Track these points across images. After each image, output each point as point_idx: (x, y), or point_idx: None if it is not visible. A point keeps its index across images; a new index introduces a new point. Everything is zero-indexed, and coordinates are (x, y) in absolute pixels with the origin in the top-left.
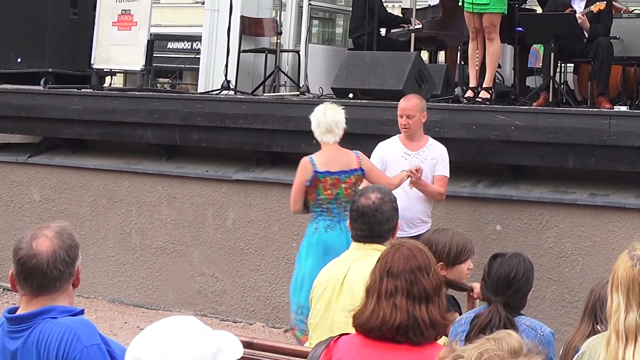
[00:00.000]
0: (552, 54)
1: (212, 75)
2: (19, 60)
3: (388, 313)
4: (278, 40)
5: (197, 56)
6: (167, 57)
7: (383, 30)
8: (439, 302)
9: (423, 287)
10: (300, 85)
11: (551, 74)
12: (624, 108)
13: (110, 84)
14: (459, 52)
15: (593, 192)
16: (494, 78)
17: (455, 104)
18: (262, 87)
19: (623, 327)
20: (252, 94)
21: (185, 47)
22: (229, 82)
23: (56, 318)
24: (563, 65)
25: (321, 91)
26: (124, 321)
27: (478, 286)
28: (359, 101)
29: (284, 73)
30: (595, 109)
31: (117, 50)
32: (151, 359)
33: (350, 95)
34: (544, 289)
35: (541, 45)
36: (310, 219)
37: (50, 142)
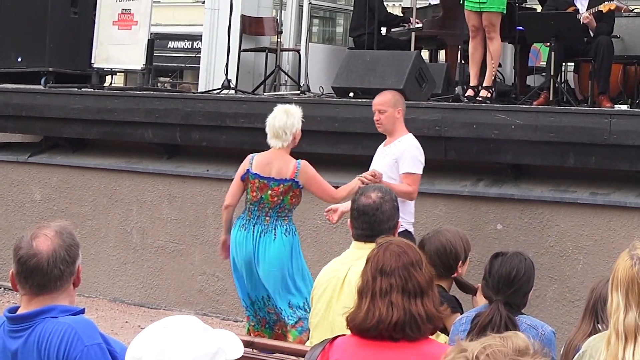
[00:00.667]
0: (553, 53)
1: (212, 75)
2: (19, 59)
3: (384, 311)
4: (278, 40)
5: (197, 55)
6: (168, 56)
7: (383, 30)
8: (433, 295)
9: (417, 282)
10: (301, 85)
11: (552, 73)
12: (624, 107)
13: (111, 83)
14: (459, 51)
15: (594, 191)
16: (495, 77)
17: (455, 103)
18: (262, 86)
19: (622, 327)
20: (252, 93)
21: (185, 47)
22: (229, 81)
23: (57, 317)
24: (564, 64)
25: (322, 90)
26: (125, 320)
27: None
28: (360, 100)
29: (284, 72)
30: (595, 108)
31: (117, 50)
32: (151, 358)
33: (351, 94)
34: (544, 288)
35: (542, 44)
36: None
37: (51, 141)
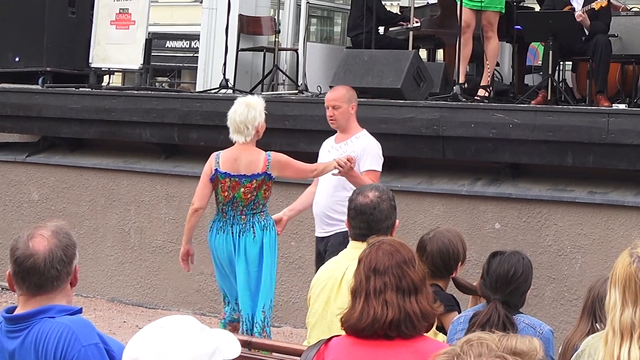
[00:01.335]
0: (551, 52)
1: (210, 74)
2: (17, 59)
3: (379, 310)
4: (276, 39)
5: (195, 55)
6: (166, 55)
7: (381, 29)
8: (427, 292)
9: (411, 280)
10: (299, 84)
11: (550, 72)
12: (622, 106)
13: (109, 83)
14: (457, 50)
15: (592, 190)
16: (492, 76)
17: (453, 102)
18: (260, 85)
19: (619, 324)
20: (250, 93)
21: (183, 46)
22: (227, 80)
23: (54, 317)
24: (561, 63)
25: (319, 90)
26: (123, 320)
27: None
28: (358, 99)
29: (282, 72)
30: (593, 107)
31: (115, 49)
32: (149, 358)
33: None
34: (543, 287)
35: (540, 43)
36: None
37: (49, 141)
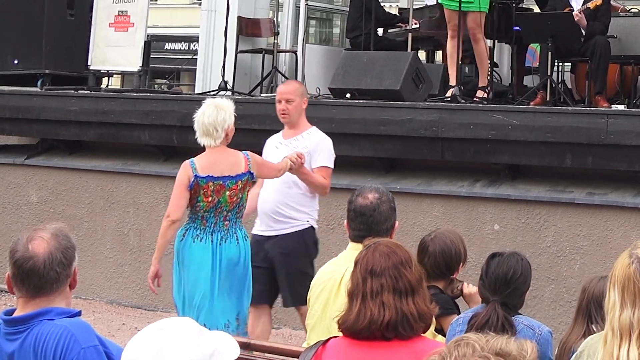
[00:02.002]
0: (549, 53)
1: (209, 76)
2: (16, 61)
3: (376, 312)
4: (275, 41)
5: (194, 57)
6: (165, 58)
7: (380, 30)
8: (424, 293)
9: (408, 281)
10: None
11: (548, 73)
12: (621, 107)
13: (108, 85)
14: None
15: (591, 191)
16: (491, 77)
17: (452, 104)
18: (259, 87)
19: (617, 325)
20: (249, 95)
21: (182, 48)
22: (226, 82)
23: (53, 320)
24: (560, 64)
25: (318, 91)
26: (122, 322)
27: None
28: (357, 101)
29: (281, 73)
30: (592, 108)
31: (114, 52)
32: None
33: (348, 95)
34: (542, 288)
35: (538, 45)
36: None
37: (48, 143)
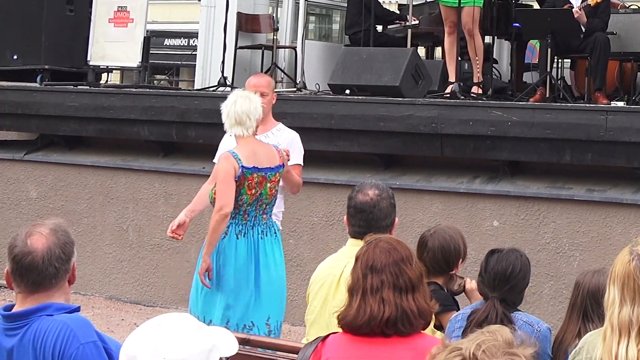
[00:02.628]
0: (549, 50)
1: (208, 72)
2: (15, 57)
3: (376, 308)
4: (275, 37)
5: (193, 53)
6: (164, 53)
7: (379, 27)
8: (424, 290)
9: (408, 278)
10: (297, 82)
11: (548, 70)
12: (620, 103)
13: (107, 81)
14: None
15: (590, 188)
16: (491, 73)
17: (452, 100)
18: None
19: (617, 321)
20: None
21: (181, 44)
22: (225, 78)
23: (52, 315)
24: (560, 60)
25: (318, 87)
26: (121, 318)
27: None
28: (356, 97)
29: (280, 69)
30: (592, 105)
31: (113, 47)
32: (146, 356)
33: (347, 91)
34: (541, 284)
35: (538, 41)
36: None
37: (47, 139)
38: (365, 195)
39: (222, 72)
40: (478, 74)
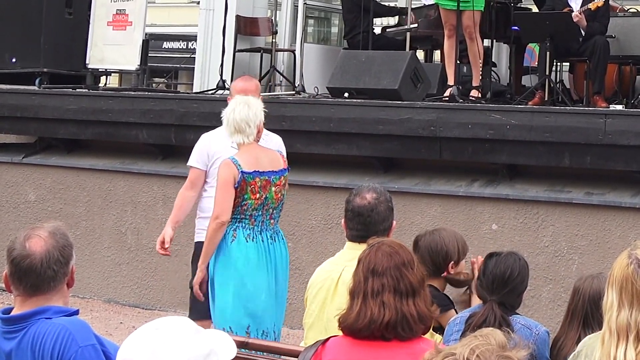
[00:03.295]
0: (548, 53)
1: (207, 75)
2: (14, 60)
3: (376, 312)
4: (273, 40)
5: (192, 56)
6: (163, 56)
7: (377, 29)
8: (425, 295)
9: (409, 282)
10: (296, 85)
11: (547, 73)
12: (619, 107)
13: (106, 84)
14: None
15: (589, 191)
16: (489, 76)
17: (450, 103)
18: None
19: (615, 325)
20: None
21: (180, 47)
22: (224, 81)
23: (51, 318)
24: (559, 64)
25: (316, 91)
26: (120, 321)
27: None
28: (355, 100)
29: (279, 72)
30: (590, 108)
31: (112, 50)
32: None
33: (346, 94)
34: (539, 288)
35: (537, 44)
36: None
37: (46, 142)
38: (363, 199)
39: (221, 75)
40: (477, 77)
